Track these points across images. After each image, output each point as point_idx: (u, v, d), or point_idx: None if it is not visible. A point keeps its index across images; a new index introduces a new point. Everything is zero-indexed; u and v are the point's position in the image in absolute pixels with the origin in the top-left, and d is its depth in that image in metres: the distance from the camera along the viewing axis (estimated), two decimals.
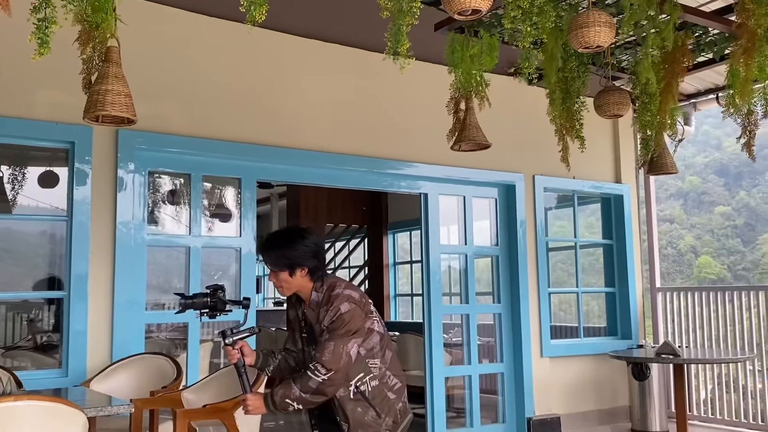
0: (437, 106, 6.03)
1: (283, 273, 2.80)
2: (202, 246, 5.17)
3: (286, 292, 2.87)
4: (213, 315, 2.84)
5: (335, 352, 2.65)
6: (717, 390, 6.74)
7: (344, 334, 2.67)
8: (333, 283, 2.82)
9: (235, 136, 5.23)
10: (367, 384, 2.75)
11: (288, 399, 2.66)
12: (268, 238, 2.89)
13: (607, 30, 3.26)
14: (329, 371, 2.63)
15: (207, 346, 5.96)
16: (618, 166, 7.29)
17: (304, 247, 2.80)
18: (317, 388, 2.64)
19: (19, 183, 5.94)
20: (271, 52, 5.44)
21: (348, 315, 2.69)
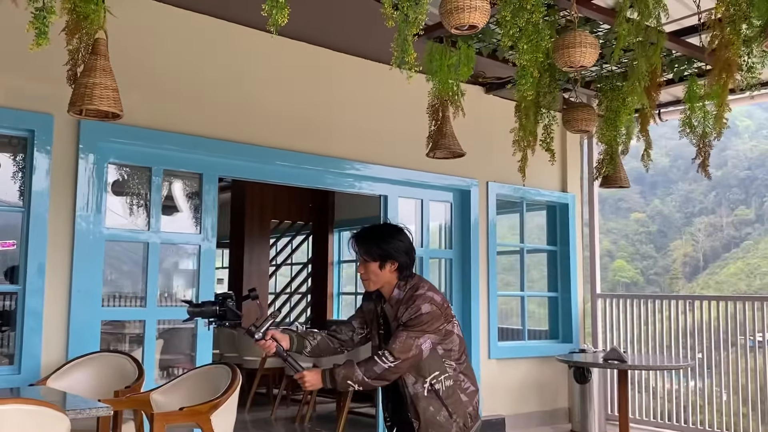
0: (399, 110, 6.13)
1: (373, 264, 2.84)
2: (161, 242, 5.06)
3: (372, 286, 2.89)
4: (222, 324, 2.84)
5: (406, 342, 2.70)
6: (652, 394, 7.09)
7: (418, 330, 2.71)
8: (417, 283, 2.85)
9: (197, 131, 5.13)
10: (442, 383, 2.79)
11: (350, 380, 2.71)
12: (365, 228, 2.96)
13: (592, 51, 3.40)
14: (396, 359, 2.68)
15: (160, 343, 5.82)
16: (565, 175, 7.55)
17: (398, 242, 2.87)
18: (381, 374, 2.70)
19: None
20: (238, 48, 5.36)
21: (427, 316, 2.74)
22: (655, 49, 3.84)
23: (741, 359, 6.36)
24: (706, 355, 6.53)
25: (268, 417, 7.49)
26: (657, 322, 6.99)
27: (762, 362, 6.19)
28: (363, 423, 7.01)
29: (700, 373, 6.59)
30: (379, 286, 2.87)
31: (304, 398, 7.25)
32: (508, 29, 3.27)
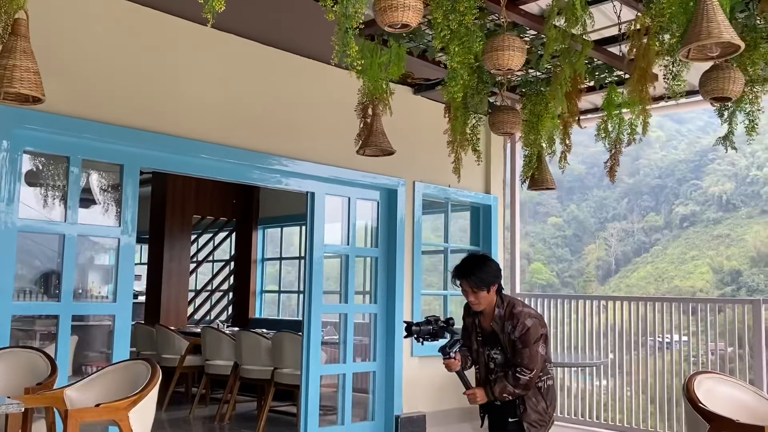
0: (328, 106, 6.12)
1: (483, 292, 3.50)
2: (78, 234, 4.86)
3: (480, 308, 3.55)
4: (434, 340, 3.62)
5: (531, 356, 3.42)
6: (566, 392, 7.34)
7: (533, 341, 3.43)
8: (511, 301, 3.55)
9: (120, 120, 4.97)
10: (545, 382, 3.57)
11: (504, 393, 3.45)
12: (463, 266, 3.56)
13: (520, 54, 3.50)
14: (531, 371, 3.42)
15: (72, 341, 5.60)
16: (488, 178, 7.73)
17: (492, 268, 3.57)
18: (525, 385, 3.44)
19: None
20: (164, 38, 5.22)
21: (533, 328, 3.45)
22: (580, 56, 3.99)
23: (649, 359, 6.67)
24: (618, 355, 6.81)
25: (186, 416, 7.32)
26: (572, 323, 7.24)
27: (669, 362, 6.51)
28: (283, 421, 6.96)
29: (612, 373, 6.86)
30: (486, 306, 3.54)
31: (224, 396, 7.13)
32: (439, 31, 3.32)
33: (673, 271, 43.66)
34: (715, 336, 6.24)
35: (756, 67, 3.92)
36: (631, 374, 6.66)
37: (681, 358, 6.53)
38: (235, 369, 7.02)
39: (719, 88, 3.62)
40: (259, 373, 6.80)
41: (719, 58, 3.13)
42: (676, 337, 6.54)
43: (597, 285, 45.33)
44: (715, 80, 3.62)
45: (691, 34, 2.91)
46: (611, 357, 6.89)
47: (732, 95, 3.66)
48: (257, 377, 6.83)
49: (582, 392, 7.06)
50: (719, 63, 3.67)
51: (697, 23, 2.89)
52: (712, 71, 3.67)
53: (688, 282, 41.56)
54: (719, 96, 3.66)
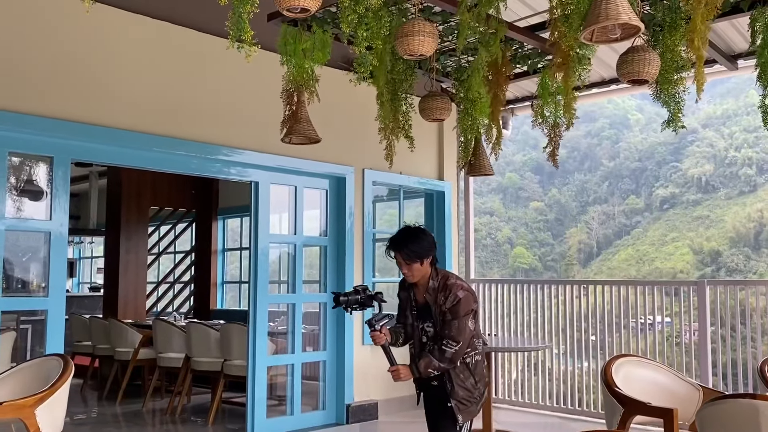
0: (270, 94, 5.99)
1: (416, 264, 3.48)
2: (6, 229, 4.77)
3: (413, 279, 3.54)
4: (361, 309, 3.59)
5: (460, 328, 3.41)
6: (522, 374, 7.36)
7: (464, 314, 3.42)
8: (445, 274, 3.56)
9: (48, 112, 4.86)
10: (473, 358, 3.53)
11: (429, 368, 3.41)
12: (398, 237, 3.55)
13: (431, 40, 3.44)
14: (458, 343, 3.40)
15: (9, 336, 5.53)
16: (441, 164, 7.68)
17: (427, 240, 3.54)
18: (451, 358, 3.40)
19: None
20: (95, 25, 5.10)
21: (465, 300, 3.43)
22: (495, 39, 3.93)
23: (632, 340, 6.67)
24: (599, 337, 6.80)
25: (140, 409, 7.26)
26: (554, 306, 7.20)
27: (651, 342, 6.53)
28: (235, 412, 6.92)
29: (593, 354, 6.86)
30: (419, 278, 3.53)
31: (176, 388, 7.08)
32: (347, 15, 3.25)
33: (654, 252, 44.00)
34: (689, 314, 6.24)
35: (678, 49, 3.88)
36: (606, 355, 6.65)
37: (663, 338, 6.56)
38: (187, 361, 6.96)
39: (635, 70, 3.58)
40: (209, 365, 6.75)
41: (622, 40, 3.09)
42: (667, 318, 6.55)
43: (579, 268, 45.60)
44: (631, 63, 3.58)
45: (591, 17, 2.87)
46: (593, 339, 6.89)
47: (648, 77, 3.62)
48: (208, 369, 6.78)
49: (564, 375, 7.05)
50: (635, 45, 3.64)
51: (596, 5, 2.85)
52: (627, 54, 3.63)
53: (669, 263, 41.90)
54: (636, 78, 3.62)
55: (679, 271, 40.38)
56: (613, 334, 6.63)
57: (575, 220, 48.95)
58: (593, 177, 50.05)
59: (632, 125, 50.48)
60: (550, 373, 7.17)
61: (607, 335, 6.64)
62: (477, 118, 4.80)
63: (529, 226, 48.98)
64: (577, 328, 6.97)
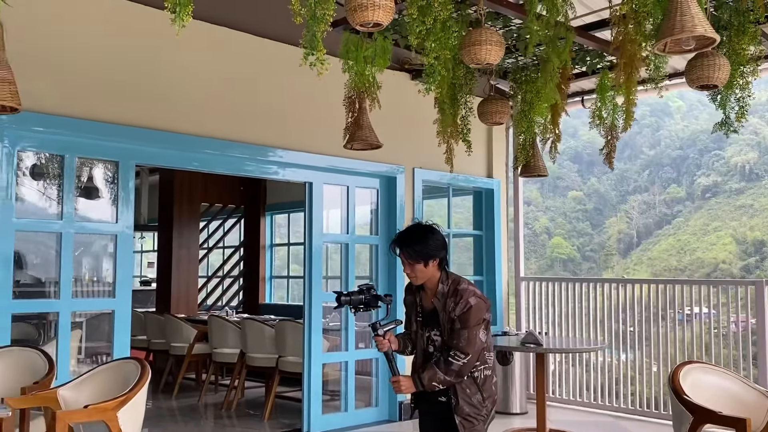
0: (324, 97, 6.09)
1: (419, 265, 3.15)
2: (76, 231, 4.94)
3: (418, 282, 3.22)
4: (366, 310, 3.24)
5: (470, 339, 3.06)
6: (571, 370, 7.35)
7: (474, 323, 3.07)
8: (456, 278, 3.20)
9: (113, 118, 5.01)
10: (482, 372, 3.17)
11: (434, 381, 3.08)
12: (403, 233, 3.26)
13: (498, 48, 3.46)
14: (466, 355, 3.05)
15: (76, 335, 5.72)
16: (490, 162, 7.68)
17: (435, 240, 3.18)
18: (458, 371, 3.06)
19: None
20: (155, 32, 5.22)
21: (476, 308, 3.09)
22: (565, 46, 3.93)
23: (671, 332, 6.64)
24: (638, 329, 6.79)
25: (195, 403, 7.45)
26: (591, 299, 7.19)
27: (690, 334, 6.49)
28: (289, 407, 7.06)
29: (631, 345, 6.86)
30: (425, 281, 3.19)
31: (231, 383, 7.25)
32: (415, 27, 3.29)
33: (696, 242, 43.19)
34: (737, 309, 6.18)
35: (745, 53, 3.83)
36: (651, 347, 6.63)
37: (702, 330, 6.52)
38: (242, 357, 7.12)
39: (705, 76, 3.56)
40: (264, 360, 6.90)
41: (696, 51, 3.07)
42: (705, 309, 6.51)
43: (618, 258, 45.04)
44: (700, 68, 3.56)
45: (665, 29, 2.86)
46: (631, 330, 6.88)
47: (719, 83, 3.59)
48: (262, 365, 6.93)
49: (602, 367, 7.05)
50: (705, 51, 3.60)
51: (670, 17, 2.84)
52: (696, 59, 3.60)
53: (711, 254, 41.09)
54: (705, 84, 3.59)
55: (721, 261, 39.59)
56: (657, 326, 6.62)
57: (615, 210, 48.25)
58: (633, 165, 49.21)
59: (673, 113, 49.48)
60: (595, 368, 7.16)
61: (652, 326, 6.63)
62: (534, 120, 4.80)
63: (567, 216, 48.45)
64: (615, 319, 6.96)
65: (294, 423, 6.42)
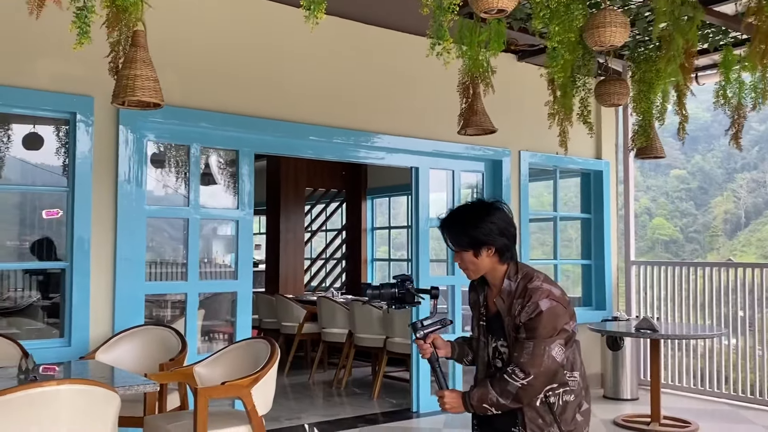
0: (429, 81, 6.12)
1: (467, 254, 2.47)
2: (201, 217, 5.22)
3: (472, 276, 2.55)
4: (401, 306, 2.64)
5: (535, 354, 2.33)
6: (687, 359, 7.12)
7: (545, 334, 2.33)
8: (529, 273, 2.48)
9: (232, 109, 5.23)
10: (560, 397, 2.42)
11: (485, 403, 2.38)
12: (450, 214, 2.56)
13: (623, 30, 3.38)
14: (527, 375, 2.32)
15: (200, 314, 6.05)
16: (599, 142, 7.49)
17: (489, 224, 2.44)
18: (516, 395, 2.33)
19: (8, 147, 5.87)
20: (267, 25, 5.40)
21: (549, 314, 2.35)
22: (691, 25, 3.78)
23: None
24: (748, 313, 6.53)
25: (306, 381, 7.73)
26: (698, 281, 6.97)
27: None
28: (396, 387, 7.21)
29: (742, 331, 6.61)
30: (483, 274, 2.52)
31: (340, 362, 7.46)
32: (539, 11, 3.26)
33: None
34: None
35: None
36: (763, 332, 6.36)
37: None
38: (350, 337, 7.32)
39: None
40: (371, 341, 7.06)
41: None
42: None
43: (725, 239, 42.90)
44: None
45: None
46: (741, 315, 6.62)
47: None
48: (370, 345, 7.10)
49: (709, 352, 6.82)
50: None
51: None
52: None
53: None
54: None
55: None
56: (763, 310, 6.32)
57: (721, 189, 45.87)
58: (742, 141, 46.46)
59: None
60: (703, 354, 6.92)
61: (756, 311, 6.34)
62: (653, 101, 4.65)
63: (669, 196, 46.49)
64: (725, 303, 6.69)
65: (401, 402, 6.55)
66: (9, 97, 4.36)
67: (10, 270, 5.97)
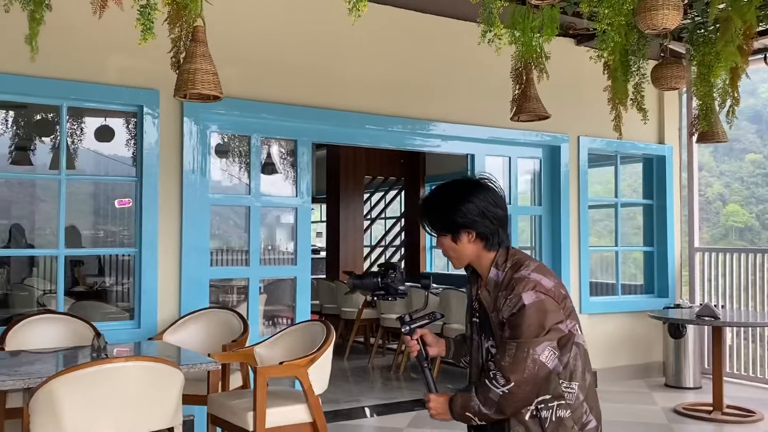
0: (485, 68, 6.12)
1: (445, 239, 2.16)
2: (262, 206, 5.40)
3: (456, 264, 2.22)
4: (385, 298, 2.35)
5: (517, 357, 1.97)
6: (752, 348, 6.94)
7: (529, 333, 1.97)
8: (520, 260, 2.12)
9: (290, 99, 5.37)
10: (553, 411, 2.03)
11: (468, 412, 2.05)
12: (429, 194, 2.25)
13: (675, 13, 3.33)
14: (508, 382, 1.97)
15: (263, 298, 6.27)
16: (662, 127, 7.33)
17: (467, 204, 2.10)
18: (499, 403, 1.99)
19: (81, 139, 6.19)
20: (323, 16, 5.49)
21: (533, 308, 1.99)
22: (750, 5, 3.68)
23: None
24: None
25: (365, 365, 7.89)
26: (758, 277, 6.77)
27: None
28: (454, 372, 7.27)
29: None
30: (468, 263, 2.19)
31: (399, 347, 7.58)
32: None
33: None
34: None
35: None
36: None
37: None
38: None
39: None
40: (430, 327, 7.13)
41: None
42: None
43: None
44: None
45: None
46: None
47: None
48: None
49: None
50: None
51: None
52: None
53: None
54: None
55: None
56: None
57: None
58: None
59: None
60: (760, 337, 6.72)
61: None
62: (714, 84, 4.54)
63: (744, 181, 44.61)
64: None
65: (458, 387, 6.61)
66: (82, 91, 4.62)
67: (85, 256, 6.31)
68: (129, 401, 2.88)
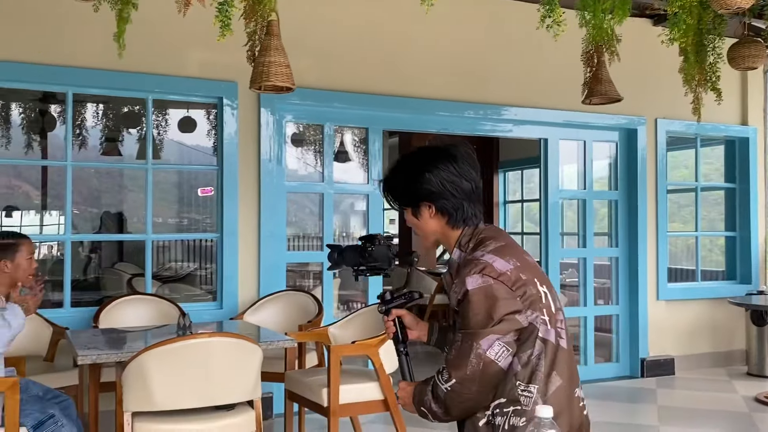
0: (557, 50, 6.03)
1: (406, 212, 1.92)
2: (334, 192, 5.56)
3: (424, 242, 1.96)
4: (371, 275, 2.06)
5: (460, 351, 1.69)
6: None
7: (476, 323, 1.68)
8: (483, 239, 1.82)
9: (361, 88, 5.49)
10: (507, 418, 1.70)
11: (423, 406, 1.81)
12: (391, 164, 2.00)
13: None
14: (449, 379, 1.71)
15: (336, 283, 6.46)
16: (745, 107, 7.06)
17: (426, 174, 1.84)
18: (444, 401, 1.73)
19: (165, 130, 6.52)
20: (393, 3, 5.56)
21: (478, 295, 1.69)
22: None
23: None
24: None
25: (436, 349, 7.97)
26: None
27: None
28: None
29: None
30: (433, 242, 1.93)
31: None
32: None
33: None
34: None
35: None
36: None
37: None
38: None
39: None
40: None
41: None
42: None
43: None
44: None
45: None
46: None
47: None
48: None
49: None
50: None
51: None
52: None
53: None
54: None
55: None
56: None
57: None
58: None
59: None
60: None
61: None
62: None
63: None
64: None
65: None
66: (166, 84, 4.88)
67: (172, 242, 6.65)
68: (212, 374, 3.08)
